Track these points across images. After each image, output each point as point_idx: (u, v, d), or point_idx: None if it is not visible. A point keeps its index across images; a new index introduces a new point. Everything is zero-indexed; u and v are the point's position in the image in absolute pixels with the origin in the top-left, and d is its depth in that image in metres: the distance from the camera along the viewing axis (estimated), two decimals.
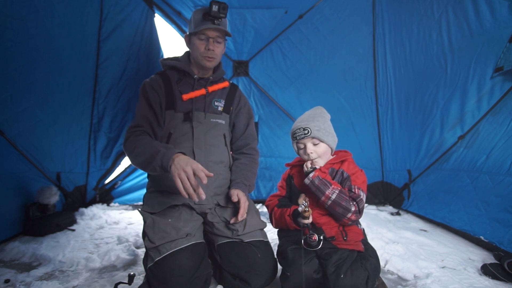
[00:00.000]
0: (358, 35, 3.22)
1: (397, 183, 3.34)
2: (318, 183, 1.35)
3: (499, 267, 1.71)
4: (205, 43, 1.54)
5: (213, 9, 1.48)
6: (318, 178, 1.36)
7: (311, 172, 1.38)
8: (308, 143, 1.44)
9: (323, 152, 1.45)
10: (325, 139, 1.44)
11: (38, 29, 2.17)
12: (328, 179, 1.38)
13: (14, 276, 1.70)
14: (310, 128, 1.43)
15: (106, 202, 3.35)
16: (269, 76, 3.47)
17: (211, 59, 1.58)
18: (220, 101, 1.68)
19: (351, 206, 1.34)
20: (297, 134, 1.46)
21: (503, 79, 2.28)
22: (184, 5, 3.04)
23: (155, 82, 1.60)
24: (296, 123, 1.50)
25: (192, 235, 1.42)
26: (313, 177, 1.36)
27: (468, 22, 2.42)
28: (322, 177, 1.36)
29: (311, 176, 1.37)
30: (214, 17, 1.49)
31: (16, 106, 2.23)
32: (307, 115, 1.52)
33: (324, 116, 1.51)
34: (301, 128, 1.44)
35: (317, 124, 1.44)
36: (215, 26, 1.51)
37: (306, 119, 1.48)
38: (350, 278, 1.23)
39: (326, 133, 1.45)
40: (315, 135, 1.42)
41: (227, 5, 1.50)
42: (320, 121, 1.46)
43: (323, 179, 1.36)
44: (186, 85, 1.62)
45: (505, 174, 2.12)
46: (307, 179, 1.38)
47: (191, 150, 1.54)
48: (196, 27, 1.53)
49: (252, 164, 1.73)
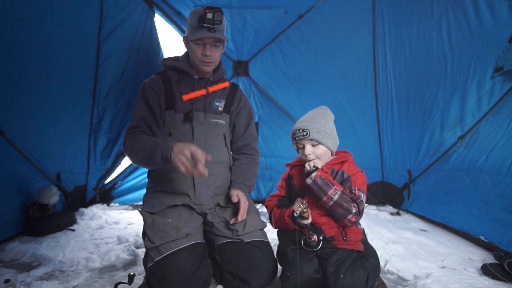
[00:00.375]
0: (358, 35, 3.22)
1: (397, 183, 3.34)
2: (321, 183, 1.34)
3: (499, 267, 1.71)
4: (202, 48, 1.53)
5: (207, 17, 1.45)
6: (321, 178, 1.35)
7: (313, 171, 1.37)
8: (307, 144, 1.44)
9: (321, 153, 1.44)
10: (324, 141, 1.43)
11: (38, 29, 2.17)
12: (330, 179, 1.37)
13: (14, 276, 1.70)
14: (309, 130, 1.42)
15: (106, 202, 3.35)
16: (269, 76, 3.47)
17: (209, 64, 1.57)
18: (220, 101, 1.68)
19: (352, 208, 1.34)
20: (296, 135, 1.45)
21: (503, 79, 2.28)
22: (184, 5, 3.04)
23: (155, 83, 1.60)
24: (297, 124, 1.49)
25: (192, 235, 1.43)
26: (316, 177, 1.35)
27: (468, 22, 2.42)
28: (324, 177, 1.36)
29: (313, 175, 1.36)
30: (209, 24, 1.47)
31: (16, 106, 2.23)
32: (309, 115, 1.50)
33: (326, 117, 1.50)
34: (300, 129, 1.44)
35: (317, 126, 1.43)
36: (211, 34, 1.48)
37: (307, 120, 1.47)
38: (349, 278, 1.23)
39: (326, 135, 1.44)
40: (313, 137, 1.41)
41: (221, 11, 1.48)
42: (321, 122, 1.45)
43: (325, 179, 1.35)
44: (186, 86, 1.62)
45: (505, 174, 2.12)
46: (309, 179, 1.37)
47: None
48: (192, 34, 1.51)
49: (252, 164, 1.73)
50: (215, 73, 1.69)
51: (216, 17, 1.45)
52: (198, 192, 1.54)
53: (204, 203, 1.55)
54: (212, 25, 1.46)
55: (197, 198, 1.54)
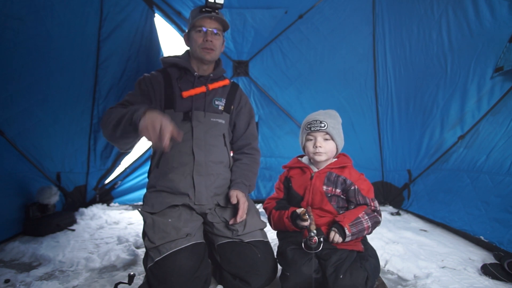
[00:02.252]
0: (358, 35, 3.22)
1: (397, 183, 3.34)
2: (356, 230, 1.32)
3: (499, 267, 1.71)
4: (203, 35, 1.56)
5: (209, 0, 1.52)
6: (350, 226, 1.31)
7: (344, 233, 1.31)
8: (320, 137, 1.43)
9: (330, 149, 1.44)
10: (337, 138, 1.44)
11: (38, 29, 2.17)
12: (351, 216, 1.34)
13: (14, 276, 1.70)
14: (327, 123, 1.41)
15: (106, 202, 3.34)
16: (269, 76, 3.47)
17: (210, 51, 1.58)
18: (221, 100, 1.67)
19: (379, 218, 1.41)
20: (312, 125, 1.43)
21: (503, 79, 2.28)
22: (184, 5, 3.04)
23: (155, 78, 1.61)
24: (312, 115, 1.48)
25: (192, 235, 1.42)
26: (349, 231, 1.31)
27: (468, 22, 2.42)
28: (349, 222, 1.32)
29: (347, 231, 1.30)
30: (211, 8, 1.53)
31: (16, 106, 2.23)
32: (323, 112, 1.50)
33: (337, 119, 1.51)
34: (318, 121, 1.42)
35: (333, 121, 1.44)
36: (213, 14, 1.54)
37: (323, 114, 1.47)
38: (349, 278, 1.23)
39: (338, 134, 1.45)
40: (329, 131, 1.41)
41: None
42: (336, 121, 1.47)
43: (352, 222, 1.32)
44: (186, 83, 1.62)
45: (505, 174, 2.12)
46: (348, 237, 1.31)
47: (190, 150, 1.54)
48: (193, 22, 1.56)
49: (253, 164, 1.72)
50: (215, 70, 1.69)
51: (217, 0, 1.52)
52: (198, 192, 1.54)
53: (204, 203, 1.55)
54: (214, 7, 1.53)
55: (196, 198, 1.53)
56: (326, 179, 1.44)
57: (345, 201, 1.46)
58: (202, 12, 1.55)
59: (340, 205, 1.45)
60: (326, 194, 1.42)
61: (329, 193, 1.42)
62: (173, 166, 1.54)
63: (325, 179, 1.44)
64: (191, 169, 1.54)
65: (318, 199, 1.43)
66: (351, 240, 1.34)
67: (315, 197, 1.44)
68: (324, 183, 1.43)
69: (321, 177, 1.44)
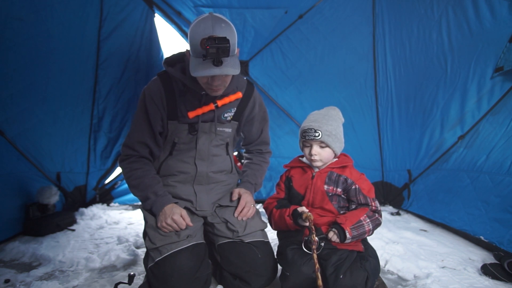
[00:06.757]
0: (358, 35, 3.22)
1: (397, 183, 3.33)
2: (357, 233, 1.32)
3: (499, 267, 1.71)
4: (208, 78, 1.32)
5: (210, 52, 1.16)
6: (351, 229, 1.31)
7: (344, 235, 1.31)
8: (315, 145, 1.42)
9: (326, 156, 1.44)
10: (333, 145, 1.41)
11: (38, 29, 2.17)
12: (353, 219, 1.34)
13: (14, 276, 1.70)
14: (321, 132, 1.39)
15: (106, 202, 3.34)
16: (269, 76, 3.46)
17: (217, 90, 1.39)
18: (230, 110, 1.55)
19: (380, 220, 1.40)
20: (307, 133, 1.41)
21: (503, 79, 2.28)
22: (184, 5, 3.04)
23: (156, 93, 1.45)
24: (308, 122, 1.44)
25: (193, 236, 1.43)
26: (350, 234, 1.30)
27: (468, 22, 2.42)
28: (350, 226, 1.31)
29: (348, 234, 1.30)
30: (214, 58, 1.19)
31: (16, 106, 2.24)
32: (322, 115, 1.46)
33: (337, 120, 1.48)
34: (312, 129, 1.40)
35: (329, 128, 1.40)
36: (218, 71, 1.22)
37: (320, 120, 1.42)
38: (349, 278, 1.23)
39: (335, 139, 1.42)
40: (324, 140, 1.39)
41: (227, 43, 1.16)
42: (333, 125, 1.42)
43: (354, 225, 1.32)
44: (192, 99, 1.46)
45: (505, 174, 2.12)
46: (348, 239, 1.31)
47: (193, 160, 1.54)
48: (193, 69, 1.25)
49: (262, 164, 1.77)
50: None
51: (221, 53, 1.17)
52: (200, 198, 1.55)
53: (206, 209, 1.56)
54: (217, 59, 1.20)
55: (198, 205, 1.55)
56: (327, 179, 1.44)
57: (346, 200, 1.45)
58: (204, 59, 1.21)
59: (341, 204, 1.44)
60: (327, 194, 1.42)
61: (330, 192, 1.42)
62: (174, 174, 1.55)
63: (326, 179, 1.44)
64: (192, 178, 1.55)
65: (319, 198, 1.43)
66: (350, 242, 1.34)
67: (316, 196, 1.44)
68: (325, 182, 1.43)
69: (322, 176, 1.45)
